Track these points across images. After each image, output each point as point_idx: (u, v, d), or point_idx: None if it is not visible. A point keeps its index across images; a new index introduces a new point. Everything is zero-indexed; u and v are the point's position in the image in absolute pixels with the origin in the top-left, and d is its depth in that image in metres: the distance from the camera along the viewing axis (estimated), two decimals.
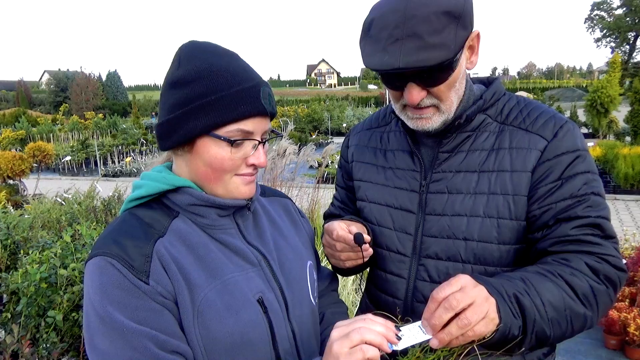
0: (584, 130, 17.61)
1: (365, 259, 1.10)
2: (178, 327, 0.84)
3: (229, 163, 0.91)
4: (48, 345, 2.40)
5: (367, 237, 1.06)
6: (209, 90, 0.87)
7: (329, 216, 1.36)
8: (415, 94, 0.98)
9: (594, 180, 1.00)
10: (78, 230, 3.30)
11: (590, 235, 0.95)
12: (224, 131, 0.88)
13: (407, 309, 1.10)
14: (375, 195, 1.19)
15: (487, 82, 1.17)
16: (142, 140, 20.34)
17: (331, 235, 1.09)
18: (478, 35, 1.02)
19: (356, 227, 1.11)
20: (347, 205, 1.33)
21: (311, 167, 11.23)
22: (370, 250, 1.09)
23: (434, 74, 0.96)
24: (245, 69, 0.92)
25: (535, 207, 1.00)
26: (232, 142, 0.89)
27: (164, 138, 0.92)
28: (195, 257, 0.90)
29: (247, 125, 0.90)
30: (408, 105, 1.03)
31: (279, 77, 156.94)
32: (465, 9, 0.94)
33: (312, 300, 1.06)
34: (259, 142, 0.93)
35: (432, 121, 1.04)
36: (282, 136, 1.18)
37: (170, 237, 0.90)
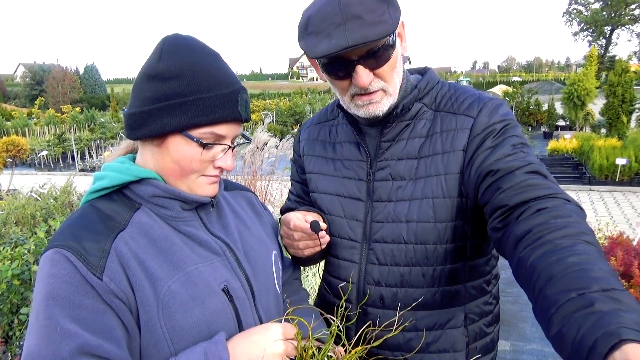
0: (561, 122, 17.94)
1: (323, 246, 1.14)
2: (121, 331, 0.82)
3: (197, 164, 0.92)
4: (21, 343, 2.36)
5: (323, 225, 1.11)
6: (188, 90, 0.87)
7: (286, 210, 1.40)
8: (364, 76, 1.02)
9: (522, 144, 1.04)
10: (53, 226, 3.24)
11: (540, 178, 0.95)
12: (197, 132, 0.89)
13: (360, 291, 1.17)
14: (326, 185, 1.25)
15: (423, 72, 1.24)
16: (120, 134, 20.00)
17: (288, 226, 1.13)
18: (403, 24, 1.09)
19: (312, 216, 1.15)
20: (302, 198, 1.37)
21: (292, 160, 11.24)
22: (327, 237, 1.14)
23: (378, 54, 1.01)
24: (226, 73, 0.92)
25: (474, 175, 1.03)
26: (204, 145, 0.90)
27: (134, 128, 0.91)
28: (157, 250, 0.89)
29: (221, 129, 0.91)
30: (356, 94, 1.07)
31: (260, 70, 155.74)
32: None
33: (277, 289, 1.09)
34: (229, 147, 0.95)
35: (382, 105, 1.08)
36: (250, 141, 1.22)
37: (132, 230, 0.89)
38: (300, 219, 1.12)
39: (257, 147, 5.44)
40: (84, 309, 0.79)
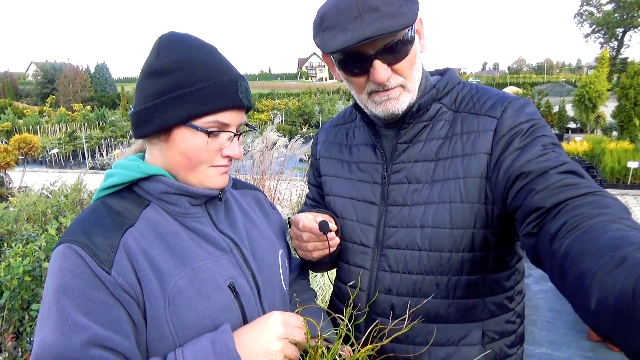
0: (572, 125, 17.78)
1: (332, 248, 1.10)
2: (129, 324, 0.83)
3: (204, 154, 0.93)
4: (31, 339, 2.38)
5: (332, 226, 1.07)
6: (188, 82, 0.88)
7: None
8: (382, 71, 0.97)
9: (553, 144, 0.95)
10: (64, 223, 3.27)
11: (577, 178, 0.87)
12: (201, 122, 0.90)
13: (369, 299, 1.12)
14: (339, 188, 1.20)
15: (444, 72, 1.18)
16: (130, 132, 20.14)
17: (297, 226, 1.10)
18: (421, 20, 1.04)
19: (322, 217, 1.11)
20: (318, 202, 1.33)
21: (301, 160, 11.24)
22: (337, 240, 1.10)
23: (397, 48, 0.97)
24: (224, 63, 0.94)
25: (502, 179, 0.96)
26: (209, 133, 0.91)
27: (140, 126, 0.93)
28: (165, 246, 0.91)
29: (224, 117, 0.92)
30: (374, 91, 1.03)
31: (270, 70, 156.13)
32: None
33: (284, 287, 1.10)
34: (234, 135, 0.96)
35: (401, 101, 1.04)
36: (256, 129, 1.19)
37: (141, 226, 0.91)
38: (310, 219, 1.08)
39: (266, 147, 5.45)
40: (94, 302, 0.81)
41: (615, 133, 13.60)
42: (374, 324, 1.08)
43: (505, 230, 1.02)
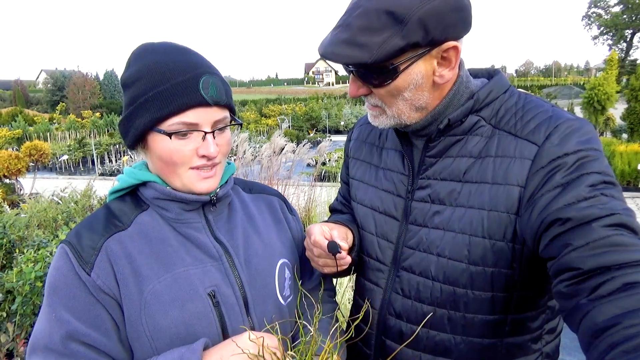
0: None
1: (341, 268, 1.00)
2: (110, 323, 0.88)
3: (177, 155, 0.91)
4: None
5: (343, 246, 0.98)
6: (149, 87, 0.89)
7: (333, 210, 1.33)
8: (351, 86, 0.94)
9: (604, 183, 0.79)
10: None
11: (627, 235, 0.72)
12: (167, 125, 0.89)
13: (381, 321, 1.05)
14: (363, 196, 1.12)
15: (493, 74, 1.03)
16: None
17: (310, 238, 1.01)
18: (455, 48, 0.87)
19: (338, 232, 1.02)
20: (347, 201, 1.24)
21: (309, 165, 11.25)
22: (348, 259, 0.99)
23: (368, 74, 0.89)
24: (187, 61, 0.91)
25: (536, 221, 0.82)
26: (170, 135, 0.89)
27: (124, 137, 0.97)
28: (151, 250, 0.93)
29: (189, 117, 0.89)
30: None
31: (276, 75, 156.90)
32: (415, 16, 0.81)
33: (280, 299, 1.04)
34: (207, 133, 0.92)
35: (379, 120, 0.97)
36: (241, 124, 1.03)
37: (133, 230, 0.94)
38: (324, 233, 0.99)
39: (274, 152, 5.48)
40: (77, 300, 0.86)
41: (625, 135, 13.48)
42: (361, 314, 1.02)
43: (537, 272, 0.90)
